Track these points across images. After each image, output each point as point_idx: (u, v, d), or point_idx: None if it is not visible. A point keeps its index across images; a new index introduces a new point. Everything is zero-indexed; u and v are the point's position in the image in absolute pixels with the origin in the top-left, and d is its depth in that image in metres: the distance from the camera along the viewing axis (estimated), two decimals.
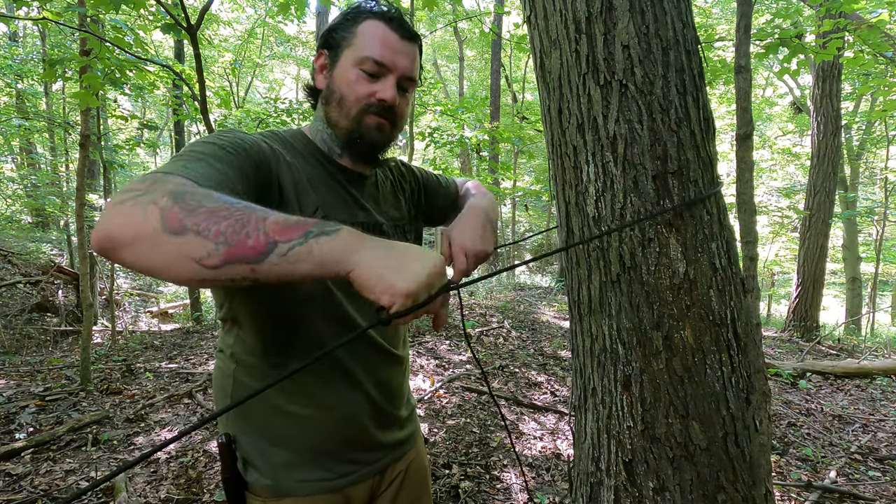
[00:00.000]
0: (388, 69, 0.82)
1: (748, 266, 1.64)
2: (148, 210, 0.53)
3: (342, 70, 0.83)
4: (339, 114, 0.84)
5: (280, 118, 6.54)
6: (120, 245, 0.53)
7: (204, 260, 0.52)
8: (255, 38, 13.86)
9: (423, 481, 1.05)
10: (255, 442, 0.85)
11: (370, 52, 0.81)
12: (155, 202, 0.53)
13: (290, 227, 0.54)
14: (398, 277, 0.54)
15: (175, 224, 0.52)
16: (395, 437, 0.97)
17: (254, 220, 0.54)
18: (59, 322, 6.13)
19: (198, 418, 3.14)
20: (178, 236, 0.52)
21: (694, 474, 0.82)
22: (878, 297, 13.94)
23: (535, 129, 8.47)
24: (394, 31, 0.83)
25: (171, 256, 0.52)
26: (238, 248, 0.52)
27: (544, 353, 5.02)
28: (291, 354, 0.83)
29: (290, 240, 0.53)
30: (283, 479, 0.85)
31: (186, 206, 0.53)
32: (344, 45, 0.84)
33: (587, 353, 0.93)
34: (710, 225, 0.84)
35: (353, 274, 0.54)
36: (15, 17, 3.21)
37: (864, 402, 4.04)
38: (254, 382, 0.85)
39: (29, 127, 8.30)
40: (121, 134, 11.68)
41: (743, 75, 1.69)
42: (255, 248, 0.52)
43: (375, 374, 0.91)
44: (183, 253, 0.52)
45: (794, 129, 13.69)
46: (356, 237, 0.56)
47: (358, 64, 0.82)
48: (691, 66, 0.85)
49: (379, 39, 0.82)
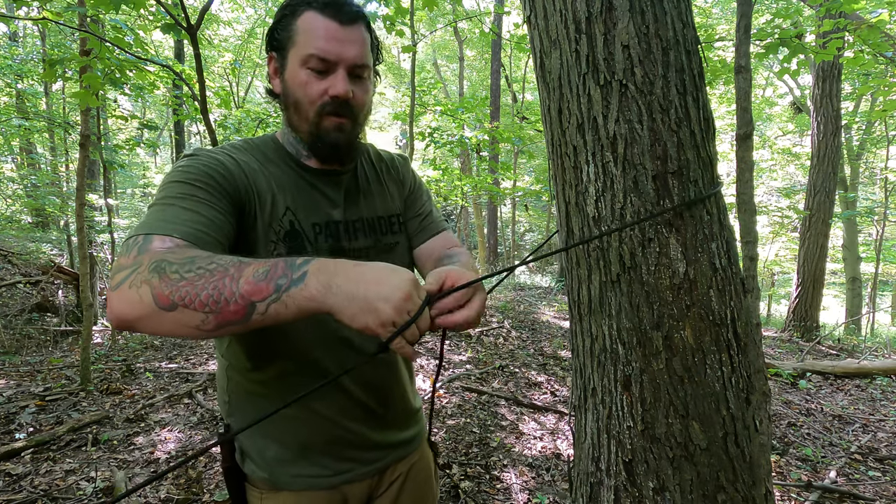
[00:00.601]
0: (335, 63, 0.79)
1: (748, 266, 1.64)
2: (141, 291, 0.58)
3: (291, 73, 0.81)
4: (298, 118, 0.83)
5: (279, 118, 6.52)
6: (132, 324, 0.60)
7: (201, 327, 0.58)
8: (255, 38, 13.86)
9: (426, 483, 1.04)
10: (249, 435, 0.88)
11: (312, 48, 0.78)
12: (145, 281, 0.59)
13: (261, 283, 0.57)
14: (371, 311, 0.56)
15: (165, 301, 0.57)
16: (394, 438, 0.96)
17: (228, 284, 0.57)
18: (59, 322, 6.13)
19: (197, 418, 3.14)
20: (171, 311, 0.57)
21: (694, 474, 0.82)
22: (878, 297, 13.95)
23: (535, 129, 8.47)
24: (332, 20, 0.78)
25: (174, 326, 0.59)
26: (224, 315, 0.57)
27: (544, 353, 5.02)
28: (274, 358, 0.85)
29: (265, 298, 0.57)
30: (279, 473, 0.86)
31: (169, 282, 0.58)
32: (289, 46, 0.81)
33: (587, 353, 0.93)
34: (710, 225, 0.84)
35: (334, 315, 0.57)
36: (15, 17, 3.21)
37: (864, 402, 4.05)
38: (242, 381, 0.88)
39: (29, 127, 8.30)
40: (121, 134, 11.68)
41: (743, 75, 1.69)
42: (237, 313, 0.57)
43: (360, 376, 0.90)
44: (182, 323, 0.58)
45: (794, 129, 13.69)
46: (322, 278, 0.57)
47: (304, 63, 0.79)
48: (691, 66, 0.85)
49: (319, 33, 0.78)
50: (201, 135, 12.96)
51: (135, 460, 2.59)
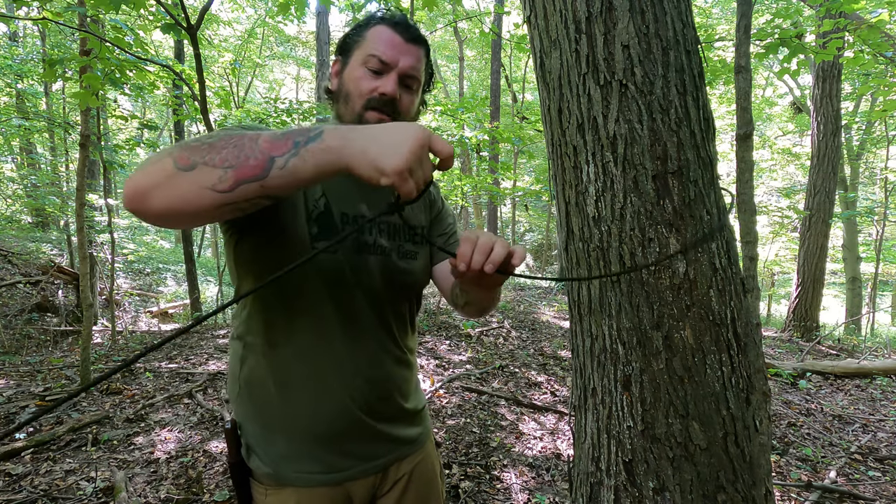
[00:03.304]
0: (391, 66, 0.87)
1: (748, 266, 1.64)
2: (163, 161, 0.61)
3: (350, 69, 0.89)
4: (345, 109, 0.90)
5: (280, 118, 6.53)
6: (145, 193, 0.61)
7: (217, 186, 0.60)
8: (255, 38, 13.87)
9: (431, 484, 1.04)
10: (256, 429, 0.89)
11: (374, 50, 0.87)
12: (167, 154, 0.62)
13: (280, 141, 0.60)
14: (387, 159, 0.57)
15: (185, 162, 0.60)
16: (399, 433, 0.96)
17: (248, 143, 0.61)
18: (59, 322, 6.13)
19: (197, 418, 3.14)
20: (190, 171, 0.60)
21: (694, 474, 0.82)
22: (878, 297, 13.95)
23: (535, 129, 8.47)
24: (398, 34, 0.88)
25: (188, 189, 0.60)
26: (243, 170, 0.59)
27: (544, 353, 5.02)
28: (292, 335, 0.87)
29: (284, 153, 0.59)
30: (283, 468, 0.88)
31: (191, 147, 0.62)
32: (354, 49, 0.90)
33: (587, 353, 0.93)
34: (710, 225, 0.84)
35: (350, 169, 0.59)
36: (15, 17, 3.21)
37: (864, 402, 4.05)
38: (258, 364, 0.89)
39: (29, 127, 8.30)
40: (121, 134, 11.68)
41: (743, 75, 1.69)
42: (257, 167, 0.59)
43: (371, 367, 0.91)
44: (197, 183, 0.60)
45: (794, 129, 13.69)
46: (338, 134, 0.60)
47: (364, 63, 0.87)
48: (691, 66, 0.85)
49: (383, 38, 0.88)
50: (201, 135, 12.95)
51: (135, 460, 2.59)
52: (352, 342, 0.89)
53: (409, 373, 1.00)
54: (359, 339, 0.89)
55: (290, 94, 21.20)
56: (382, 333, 0.92)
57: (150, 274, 11.39)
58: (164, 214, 0.62)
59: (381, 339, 0.92)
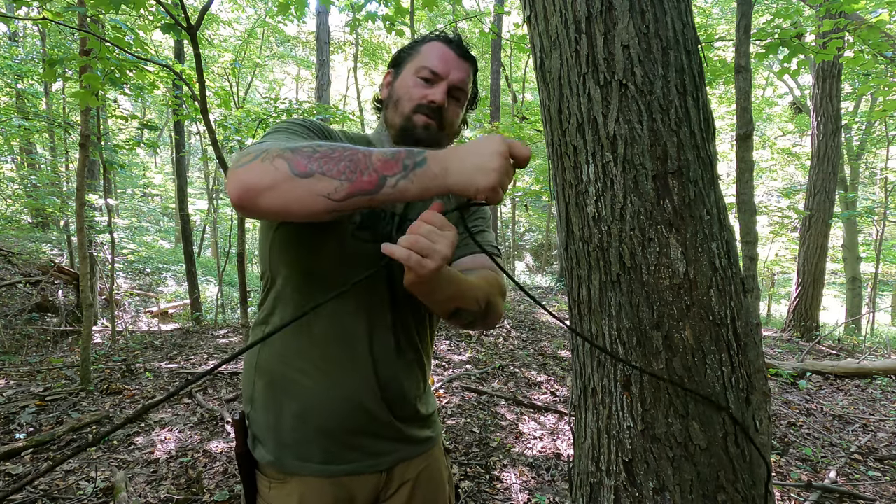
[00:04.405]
0: (441, 77, 0.94)
1: (748, 266, 1.65)
2: (276, 162, 0.66)
3: (403, 78, 0.97)
4: (394, 113, 0.96)
5: (280, 118, 6.53)
6: (259, 192, 0.66)
7: (332, 195, 0.65)
8: (255, 38, 13.86)
9: (438, 489, 1.03)
10: (262, 418, 0.90)
11: (427, 62, 0.95)
12: (279, 156, 0.66)
13: (391, 161, 0.66)
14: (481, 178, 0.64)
15: (302, 168, 0.65)
16: (407, 433, 0.95)
17: (362, 159, 0.66)
18: (59, 322, 6.13)
19: (197, 418, 3.14)
20: (307, 178, 0.65)
21: (694, 474, 0.82)
22: (878, 297, 13.95)
23: (535, 129, 8.47)
24: (451, 50, 0.96)
25: (304, 194, 0.65)
26: (358, 184, 0.65)
27: (544, 353, 5.02)
28: (315, 318, 0.88)
29: (395, 174, 0.65)
30: (287, 456, 0.88)
31: (305, 154, 0.66)
32: (407, 61, 0.98)
33: (587, 353, 0.93)
34: (710, 225, 0.84)
35: (451, 191, 0.66)
36: (15, 17, 3.21)
37: (864, 402, 4.05)
38: (274, 347, 0.91)
39: (29, 127, 8.28)
40: (121, 134, 11.68)
41: (743, 75, 1.69)
42: (370, 182, 0.65)
43: (387, 365, 0.91)
44: (314, 191, 0.65)
45: (794, 129, 13.68)
46: (439, 160, 0.66)
47: (416, 73, 0.95)
48: (691, 66, 0.85)
49: (437, 52, 0.96)
50: (201, 135, 12.95)
51: (135, 460, 2.59)
52: (370, 337, 0.90)
53: (423, 375, 1.00)
54: (378, 334, 0.90)
55: (290, 94, 21.20)
56: (400, 332, 0.93)
57: (150, 274, 11.39)
58: (276, 213, 0.68)
59: (398, 338, 0.93)
